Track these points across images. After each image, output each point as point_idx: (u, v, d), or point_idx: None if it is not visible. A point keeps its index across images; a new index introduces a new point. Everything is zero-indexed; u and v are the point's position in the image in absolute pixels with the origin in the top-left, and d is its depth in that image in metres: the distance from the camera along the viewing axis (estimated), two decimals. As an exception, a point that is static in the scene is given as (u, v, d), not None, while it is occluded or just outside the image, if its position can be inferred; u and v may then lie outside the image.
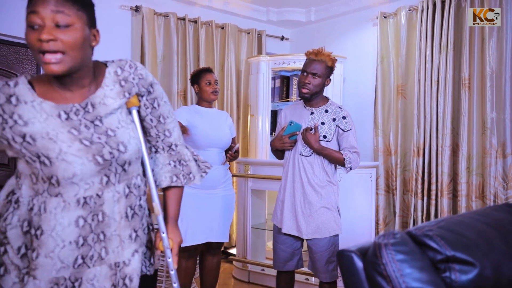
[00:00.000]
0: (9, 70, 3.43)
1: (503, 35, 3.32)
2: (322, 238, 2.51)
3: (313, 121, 2.56)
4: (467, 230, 0.99)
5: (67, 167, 1.18)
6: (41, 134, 1.19)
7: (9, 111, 1.18)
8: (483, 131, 3.45)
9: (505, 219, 1.11)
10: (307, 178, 2.52)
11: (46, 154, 1.18)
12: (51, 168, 1.18)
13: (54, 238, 1.19)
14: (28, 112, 1.20)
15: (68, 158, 1.19)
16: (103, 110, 1.27)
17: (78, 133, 1.22)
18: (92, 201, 1.24)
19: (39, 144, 1.18)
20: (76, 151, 1.20)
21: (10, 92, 1.20)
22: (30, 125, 1.19)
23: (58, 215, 1.20)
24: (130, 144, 1.30)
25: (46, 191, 1.21)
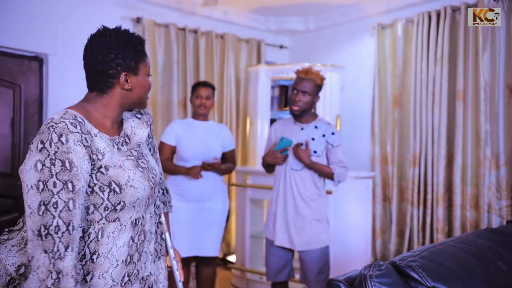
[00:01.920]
0: (13, 81, 3.49)
1: (496, 48, 3.39)
2: (314, 250, 2.60)
3: (303, 136, 2.64)
4: (448, 260, 1.05)
5: (134, 193, 1.29)
6: (113, 163, 1.28)
7: (93, 149, 1.25)
8: (477, 142, 3.52)
9: (486, 246, 1.18)
10: (298, 192, 2.61)
11: (117, 181, 1.26)
12: (121, 195, 1.27)
13: (109, 259, 1.27)
14: (100, 143, 1.28)
15: (135, 184, 1.30)
16: (138, 140, 1.41)
17: (133, 161, 1.34)
18: (140, 222, 1.36)
19: (111, 173, 1.26)
20: (139, 177, 1.32)
21: (86, 129, 1.26)
22: (105, 156, 1.27)
23: (116, 238, 1.28)
24: (157, 168, 1.47)
25: (104, 218, 1.27)
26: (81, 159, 1.20)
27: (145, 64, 1.38)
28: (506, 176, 3.38)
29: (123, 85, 1.33)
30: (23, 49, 3.48)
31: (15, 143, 3.52)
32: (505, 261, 1.15)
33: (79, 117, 1.25)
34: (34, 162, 1.16)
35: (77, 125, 1.22)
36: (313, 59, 4.76)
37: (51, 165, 1.16)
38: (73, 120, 1.22)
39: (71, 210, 1.17)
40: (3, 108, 3.46)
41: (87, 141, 1.23)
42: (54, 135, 1.17)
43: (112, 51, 1.29)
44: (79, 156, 1.19)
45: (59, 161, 1.16)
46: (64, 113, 1.24)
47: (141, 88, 1.38)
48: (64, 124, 1.19)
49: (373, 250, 4.11)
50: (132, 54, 1.33)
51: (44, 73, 3.63)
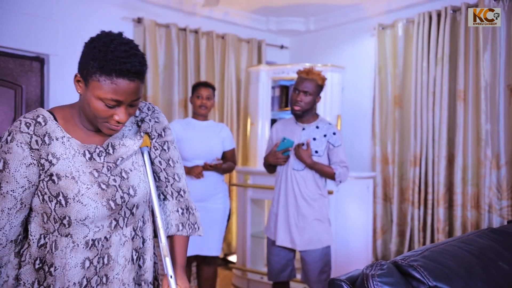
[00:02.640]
0: (14, 82, 3.50)
1: (496, 48, 3.39)
2: (315, 249, 2.61)
3: (305, 136, 2.65)
4: (449, 259, 1.06)
5: (81, 209, 1.18)
6: (66, 173, 1.18)
7: (45, 153, 1.17)
8: (478, 142, 3.52)
9: (487, 246, 1.19)
10: (300, 192, 2.62)
11: (65, 194, 1.17)
12: (65, 209, 1.17)
13: (64, 276, 1.19)
14: (59, 148, 1.18)
15: (84, 201, 1.18)
16: (124, 152, 1.27)
17: (98, 175, 1.22)
18: (100, 244, 1.23)
19: (62, 183, 1.17)
20: (93, 194, 1.19)
21: (43, 131, 1.17)
22: (61, 161, 1.18)
23: (67, 254, 1.19)
24: (140, 188, 1.29)
25: (56, 231, 1.20)
26: (18, 162, 1.14)
27: (99, 85, 1.13)
28: (507, 176, 3.38)
29: (76, 86, 1.19)
30: (24, 50, 3.49)
31: (16, 143, 3.52)
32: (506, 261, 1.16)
33: (42, 117, 1.18)
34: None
35: (31, 126, 1.15)
36: (313, 59, 4.77)
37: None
38: (30, 120, 1.16)
39: (3, 211, 1.15)
40: (4, 108, 3.46)
41: (37, 144, 1.16)
42: (6, 133, 1.15)
43: (84, 48, 1.17)
44: (18, 158, 1.14)
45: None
46: (32, 111, 1.20)
47: (86, 105, 1.18)
48: (19, 123, 1.15)
49: (374, 250, 4.12)
50: (88, 63, 1.13)
51: (45, 73, 3.63)
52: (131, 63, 1.11)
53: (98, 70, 1.11)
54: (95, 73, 1.12)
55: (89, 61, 1.12)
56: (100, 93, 1.12)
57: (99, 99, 1.14)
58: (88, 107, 1.16)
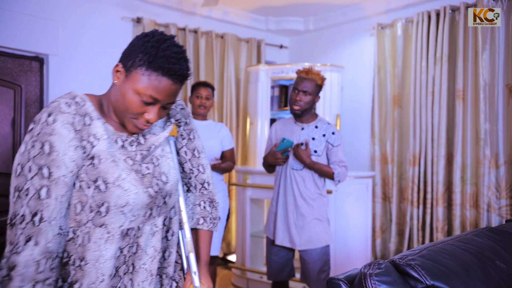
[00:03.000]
0: (14, 82, 3.50)
1: (495, 48, 3.40)
2: (314, 249, 2.61)
3: (304, 136, 2.65)
4: (447, 259, 1.07)
5: (122, 195, 1.11)
6: (107, 155, 1.12)
7: (86, 134, 1.11)
8: (477, 141, 3.53)
9: (485, 245, 1.19)
10: (299, 191, 2.62)
11: (105, 178, 1.10)
12: (105, 194, 1.10)
13: (96, 269, 1.12)
14: (100, 128, 1.13)
15: (125, 185, 1.12)
16: (154, 141, 1.22)
17: (132, 163, 1.17)
18: (132, 232, 1.18)
19: (102, 167, 1.11)
20: (132, 179, 1.14)
21: (83, 111, 1.12)
22: (101, 142, 1.12)
23: (101, 246, 1.13)
24: (171, 174, 1.25)
25: (90, 221, 1.12)
26: (65, 145, 1.06)
27: (141, 79, 1.11)
28: (506, 175, 3.39)
29: (114, 75, 1.17)
30: (24, 49, 3.49)
31: (16, 143, 3.53)
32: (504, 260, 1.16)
33: (80, 97, 1.13)
34: (23, 144, 1.07)
35: (72, 105, 1.09)
36: (313, 59, 4.77)
37: (31, 147, 1.05)
38: (69, 100, 1.10)
39: (41, 199, 1.04)
40: (4, 108, 3.47)
41: (79, 125, 1.09)
42: (45, 114, 1.07)
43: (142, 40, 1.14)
44: (64, 140, 1.06)
45: (39, 143, 1.04)
46: (66, 94, 1.13)
47: (120, 96, 1.15)
48: (57, 103, 1.08)
49: (373, 249, 4.13)
50: (136, 55, 1.12)
51: (44, 73, 3.63)
52: (180, 65, 1.12)
53: (146, 64, 1.10)
54: (141, 66, 1.10)
55: (138, 53, 1.11)
56: (140, 87, 1.11)
57: (137, 93, 1.11)
58: (122, 99, 1.13)
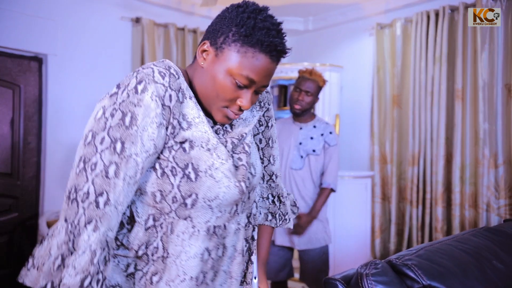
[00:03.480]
0: (13, 82, 3.50)
1: (494, 48, 3.40)
2: (314, 249, 2.62)
3: (302, 136, 2.65)
4: (444, 258, 1.06)
5: (212, 186, 0.95)
6: (202, 140, 0.96)
7: (178, 113, 0.94)
8: (476, 141, 3.52)
9: (482, 245, 1.19)
10: (298, 191, 2.63)
11: (196, 165, 0.94)
12: (194, 184, 0.95)
13: (177, 266, 0.98)
14: (192, 110, 0.96)
15: (217, 176, 0.96)
16: (244, 127, 1.06)
17: (226, 152, 1.00)
18: (219, 232, 1.02)
19: (195, 154, 0.95)
20: (226, 170, 0.97)
21: (177, 85, 0.95)
22: (192, 127, 0.96)
23: (185, 241, 0.98)
24: (257, 166, 1.09)
25: (173, 211, 0.97)
26: (149, 119, 0.89)
27: (236, 56, 0.94)
28: (505, 175, 3.39)
29: (200, 55, 0.99)
30: (23, 49, 3.49)
31: (15, 143, 3.53)
32: (501, 260, 1.16)
33: (174, 69, 0.96)
34: (100, 107, 0.91)
35: (166, 76, 0.92)
36: (312, 58, 4.77)
37: (110, 116, 0.89)
38: (163, 69, 0.93)
39: (109, 177, 0.88)
40: (2, 108, 3.47)
41: (170, 100, 0.92)
42: (134, 80, 0.90)
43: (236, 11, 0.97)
44: (148, 114, 0.89)
45: (120, 112, 0.88)
46: (159, 61, 0.97)
47: (209, 79, 0.97)
48: (151, 71, 0.91)
49: (372, 249, 4.12)
50: (230, 29, 0.95)
51: (43, 73, 3.63)
52: (280, 39, 0.95)
53: (242, 38, 0.93)
54: (236, 41, 0.93)
55: (231, 27, 0.94)
56: (234, 67, 0.94)
57: (230, 74, 0.94)
58: (212, 83, 0.96)
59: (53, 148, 3.63)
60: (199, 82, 0.99)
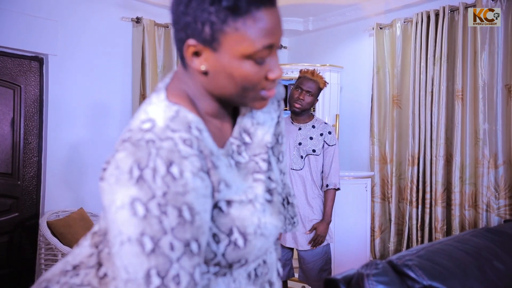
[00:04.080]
0: (13, 82, 3.51)
1: (494, 48, 3.41)
2: (315, 248, 2.62)
3: (301, 136, 2.65)
4: (444, 259, 1.07)
5: (263, 244, 0.80)
6: (238, 195, 0.79)
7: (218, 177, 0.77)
8: (476, 141, 3.53)
9: (482, 245, 1.20)
10: (298, 192, 2.63)
11: (243, 228, 0.77)
12: (243, 251, 0.77)
13: None
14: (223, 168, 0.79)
15: (267, 230, 0.79)
16: (263, 136, 0.86)
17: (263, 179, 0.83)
18: (260, 271, 0.88)
19: (235, 213, 0.78)
20: (270, 215, 0.81)
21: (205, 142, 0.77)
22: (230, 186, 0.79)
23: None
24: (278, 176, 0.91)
25: (209, 272, 0.81)
26: (203, 199, 0.72)
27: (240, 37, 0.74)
28: (505, 175, 3.40)
29: (191, 61, 0.78)
30: (23, 49, 3.50)
31: (16, 143, 3.53)
32: (501, 261, 1.17)
33: (195, 125, 0.77)
34: (130, 199, 0.69)
35: (193, 143, 0.74)
36: (312, 59, 4.78)
37: (162, 214, 0.68)
38: (186, 134, 0.74)
39: (197, 283, 0.71)
40: (3, 108, 3.47)
41: (206, 166, 0.75)
42: (160, 162, 0.69)
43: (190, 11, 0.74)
44: (202, 194, 0.72)
45: (172, 208, 0.69)
46: (173, 115, 0.76)
47: (226, 78, 0.77)
48: (173, 144, 0.71)
49: (372, 249, 4.13)
50: (209, 11, 0.73)
51: (44, 73, 3.64)
52: None
53: (231, 13, 0.72)
54: (226, 21, 0.73)
55: (207, 9, 0.73)
56: (247, 47, 0.74)
57: (247, 57, 0.75)
58: (231, 80, 0.77)
59: (54, 148, 3.64)
60: (215, 91, 0.80)
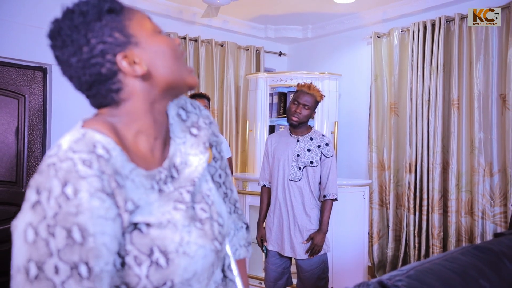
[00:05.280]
0: (18, 91, 3.57)
1: (489, 59, 3.47)
2: (313, 258, 2.69)
3: (299, 148, 2.72)
4: (432, 279, 1.13)
5: (189, 265, 0.79)
6: (156, 218, 0.78)
7: (125, 198, 0.75)
8: (472, 150, 3.60)
9: (469, 264, 1.26)
10: (296, 202, 2.70)
11: (163, 247, 0.76)
12: (167, 271, 0.76)
13: None
14: (134, 191, 0.78)
15: (191, 250, 0.79)
16: (191, 172, 0.88)
17: (186, 208, 0.83)
18: None
19: (154, 234, 0.77)
20: (197, 237, 0.81)
21: (115, 164, 0.76)
22: (141, 209, 0.77)
23: None
24: (224, 212, 0.93)
25: None
26: (101, 220, 0.70)
27: (137, 21, 0.82)
28: (500, 183, 3.46)
29: (133, 71, 0.80)
30: (28, 60, 3.56)
31: (20, 152, 3.60)
32: (487, 279, 1.23)
33: (102, 145, 0.75)
34: (24, 225, 0.68)
35: (94, 162, 0.72)
36: (311, 66, 4.84)
37: (49, 236, 0.66)
38: (87, 155, 0.72)
39: None
40: (8, 118, 3.54)
41: (110, 186, 0.73)
42: (56, 182, 0.68)
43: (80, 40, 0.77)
44: (99, 215, 0.70)
45: (61, 229, 0.67)
46: (78, 137, 0.75)
47: (160, 57, 0.82)
48: (72, 164, 0.70)
49: (370, 255, 4.20)
50: (105, 24, 0.78)
51: (47, 83, 3.71)
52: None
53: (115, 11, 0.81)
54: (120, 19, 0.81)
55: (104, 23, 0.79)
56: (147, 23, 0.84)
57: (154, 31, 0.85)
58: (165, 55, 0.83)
59: (57, 157, 3.70)
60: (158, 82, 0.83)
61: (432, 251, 3.74)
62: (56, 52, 0.80)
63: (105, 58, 0.78)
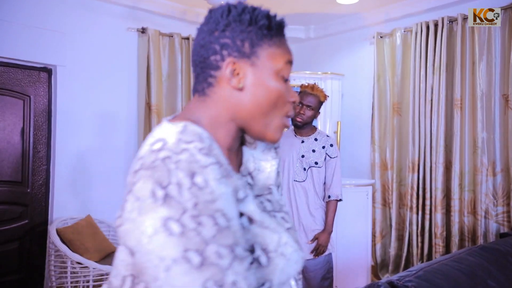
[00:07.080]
0: (23, 92, 3.59)
1: (492, 59, 3.49)
2: (317, 258, 2.71)
3: (304, 149, 2.74)
4: (441, 279, 1.16)
5: (286, 266, 0.78)
6: (256, 212, 0.79)
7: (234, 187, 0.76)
8: (475, 149, 3.61)
9: (476, 264, 1.28)
10: (301, 202, 2.72)
11: (264, 245, 0.76)
12: (267, 270, 0.76)
13: None
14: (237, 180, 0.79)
15: (287, 252, 0.79)
16: (265, 179, 0.89)
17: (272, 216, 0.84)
18: None
19: (256, 230, 0.77)
20: (291, 241, 0.82)
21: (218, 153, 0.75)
22: (245, 199, 0.79)
23: None
24: None
25: None
26: (232, 205, 0.72)
27: (272, 52, 0.81)
28: (502, 183, 3.48)
29: (230, 80, 0.80)
30: (33, 61, 3.58)
31: (25, 152, 3.62)
32: (494, 279, 1.25)
33: (206, 134, 0.76)
34: (161, 221, 0.66)
35: (209, 150, 0.72)
36: (313, 66, 4.86)
37: (198, 226, 0.67)
38: (200, 144, 0.72)
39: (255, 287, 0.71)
40: (13, 118, 3.56)
41: (226, 174, 0.73)
42: (182, 175, 0.68)
43: (217, 26, 0.81)
44: (230, 200, 0.72)
45: (208, 218, 0.67)
46: (182, 130, 0.74)
47: (261, 91, 0.80)
48: (190, 154, 0.70)
49: (373, 254, 4.22)
50: (248, 30, 0.80)
51: (52, 84, 3.72)
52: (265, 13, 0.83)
53: (266, 31, 0.80)
54: (263, 38, 0.80)
55: (249, 30, 0.80)
56: (277, 62, 0.81)
57: (277, 72, 0.81)
58: (268, 95, 0.80)
59: (62, 157, 3.73)
60: (244, 111, 0.81)
61: (435, 250, 3.76)
62: (203, 25, 0.84)
63: (221, 51, 0.80)
